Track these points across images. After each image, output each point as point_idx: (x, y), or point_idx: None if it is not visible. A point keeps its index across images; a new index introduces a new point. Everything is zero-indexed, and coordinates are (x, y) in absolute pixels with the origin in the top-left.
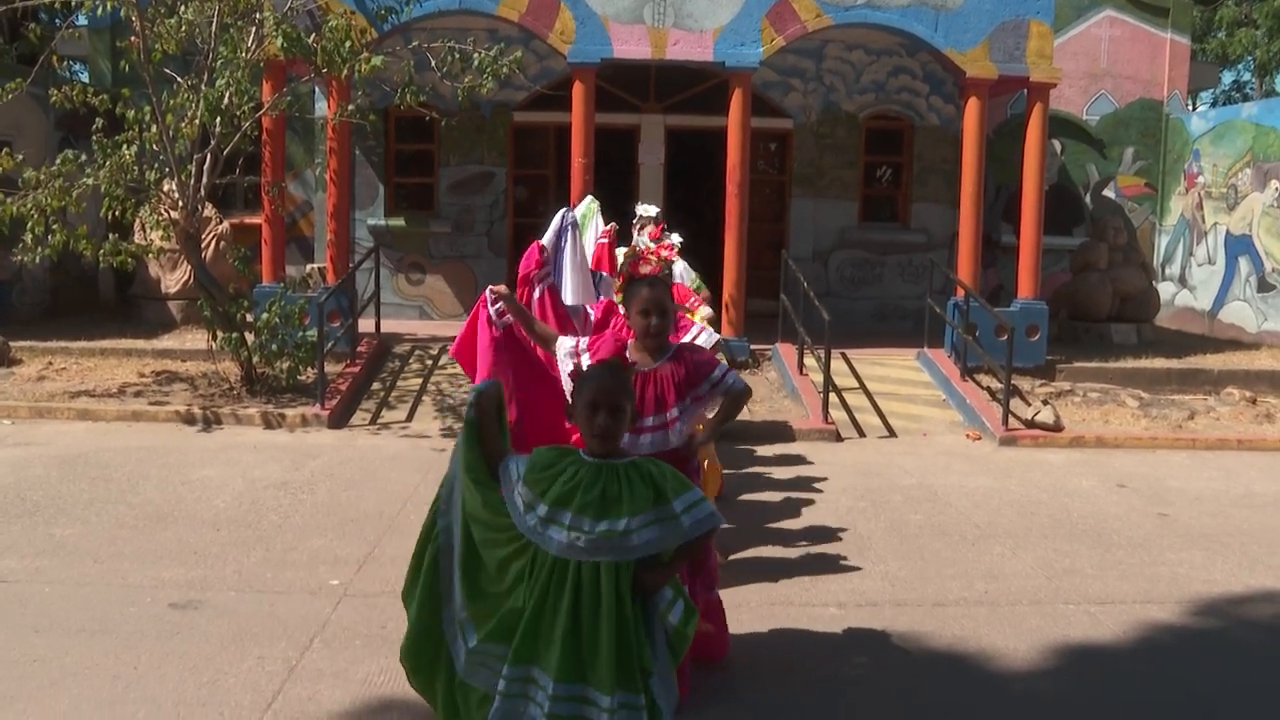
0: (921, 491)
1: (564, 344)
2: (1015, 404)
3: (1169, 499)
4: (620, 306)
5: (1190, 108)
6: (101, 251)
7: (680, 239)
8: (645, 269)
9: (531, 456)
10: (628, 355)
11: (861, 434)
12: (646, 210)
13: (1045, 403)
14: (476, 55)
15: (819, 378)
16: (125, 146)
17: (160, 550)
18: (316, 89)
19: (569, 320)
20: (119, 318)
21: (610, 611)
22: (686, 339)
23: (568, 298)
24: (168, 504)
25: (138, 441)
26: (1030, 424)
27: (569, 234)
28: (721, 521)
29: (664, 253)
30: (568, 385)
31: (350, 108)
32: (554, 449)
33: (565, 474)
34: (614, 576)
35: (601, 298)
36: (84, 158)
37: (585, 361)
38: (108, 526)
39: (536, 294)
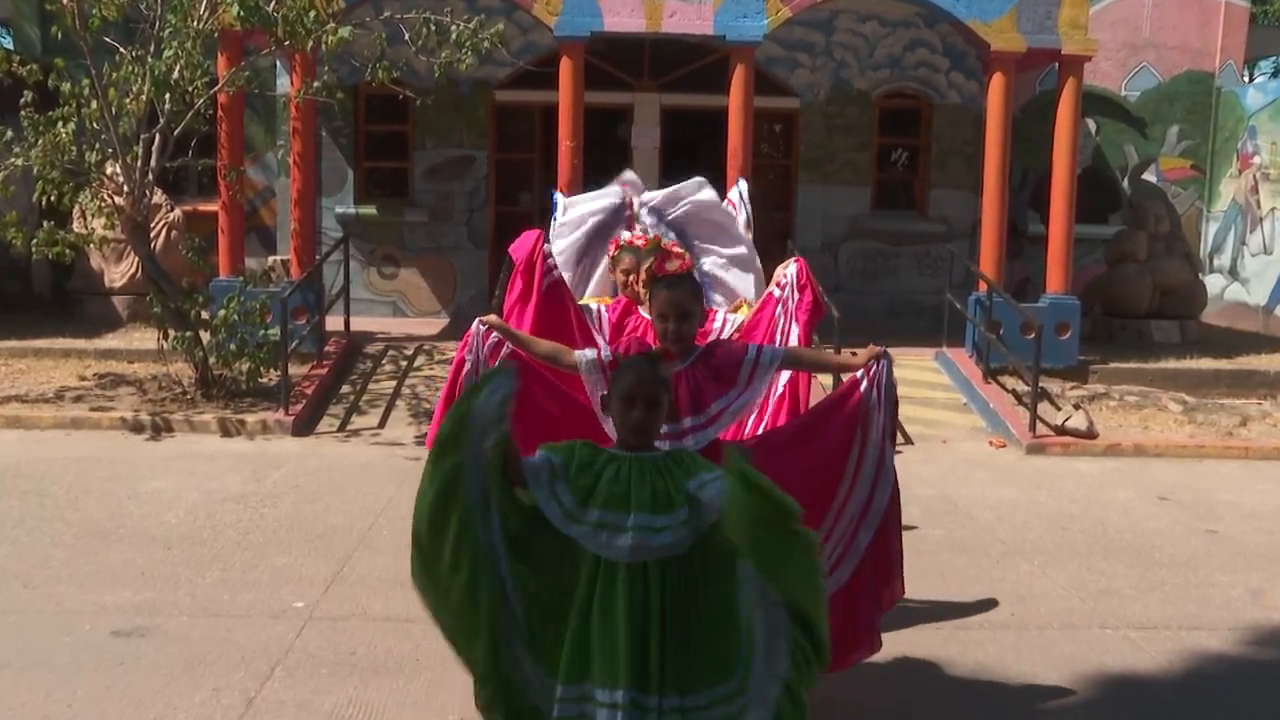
0: (941, 504)
1: (584, 358)
2: (1044, 408)
3: (1218, 513)
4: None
5: (1246, 79)
6: (34, 241)
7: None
8: (671, 266)
9: (564, 454)
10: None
11: None
12: (629, 176)
13: (1077, 407)
14: (454, 28)
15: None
16: (61, 124)
17: (102, 572)
18: (278, 63)
19: (583, 322)
20: (56, 314)
21: (658, 607)
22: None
23: (590, 288)
24: (112, 520)
25: (77, 451)
26: (1060, 430)
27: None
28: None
29: (675, 261)
30: (599, 409)
31: (315, 84)
32: (584, 446)
33: (608, 473)
34: (662, 571)
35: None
36: (10, 135)
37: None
38: (41, 546)
39: (538, 291)
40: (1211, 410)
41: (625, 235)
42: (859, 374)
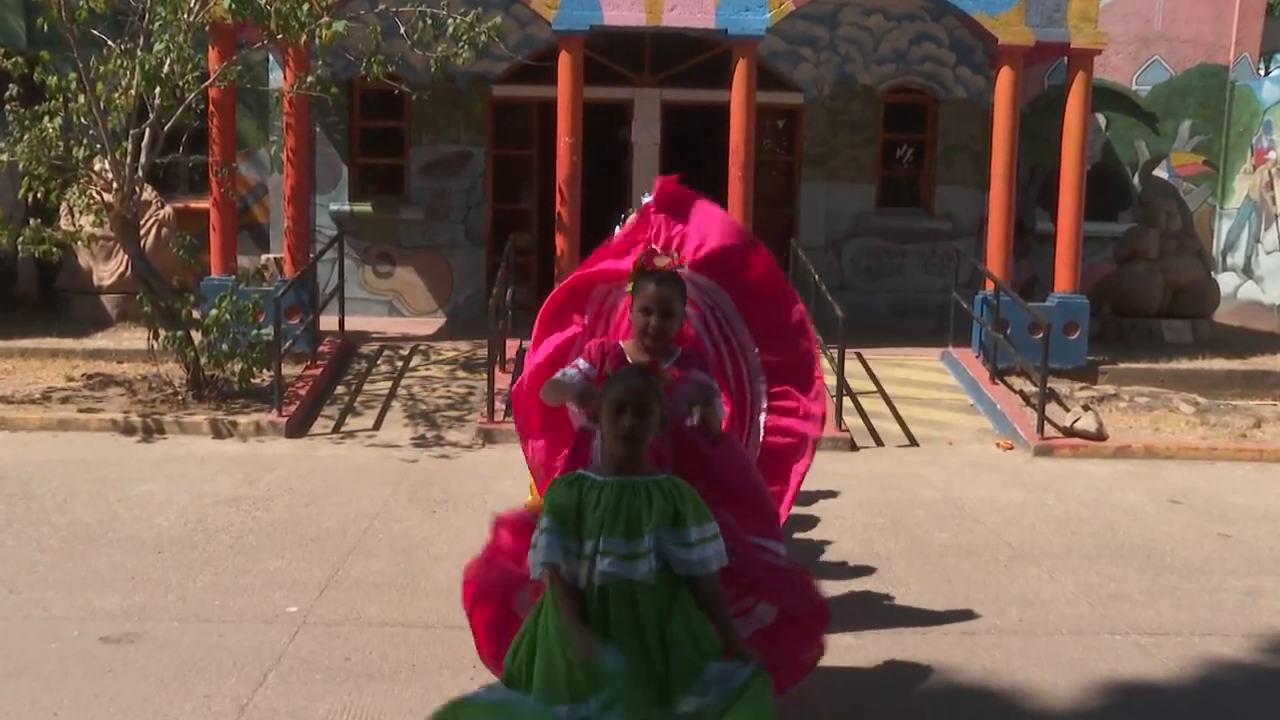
0: (947, 506)
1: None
2: (1052, 409)
3: (1231, 517)
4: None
5: (1262, 72)
6: (21, 239)
7: None
8: (660, 262)
9: (546, 509)
10: (626, 357)
11: (879, 443)
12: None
13: (1086, 408)
14: (451, 21)
15: (832, 380)
16: (48, 118)
17: (91, 576)
18: (271, 57)
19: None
20: (43, 313)
21: (651, 627)
22: None
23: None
24: (100, 524)
25: (65, 454)
26: (1069, 432)
27: None
28: (724, 563)
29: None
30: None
31: (309, 79)
32: (561, 485)
33: (589, 503)
34: (650, 595)
35: None
36: None
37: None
38: (28, 551)
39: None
40: (1224, 412)
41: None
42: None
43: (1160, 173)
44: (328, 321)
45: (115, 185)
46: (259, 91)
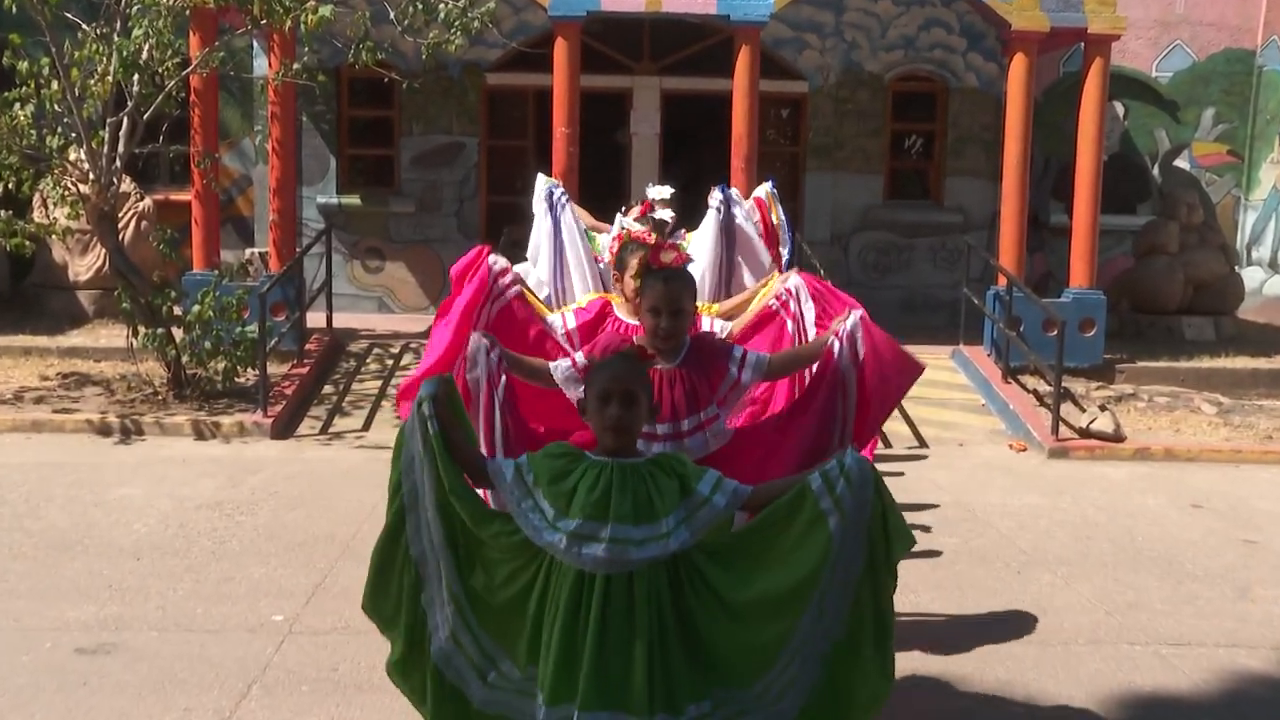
0: (958, 511)
1: (560, 369)
2: (1067, 410)
3: (1257, 522)
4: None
5: None
6: None
7: (672, 214)
8: (666, 258)
9: (535, 462)
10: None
11: (887, 444)
12: (660, 193)
13: (1103, 408)
14: (442, 6)
15: None
16: (19, 105)
17: (66, 585)
18: (255, 43)
19: (545, 335)
20: (15, 310)
21: (645, 621)
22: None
23: (576, 289)
24: (76, 530)
25: (39, 456)
26: (1085, 433)
27: (562, 210)
28: (750, 490)
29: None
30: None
31: (295, 66)
32: (557, 451)
33: (586, 482)
34: (647, 581)
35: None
36: None
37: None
38: None
39: (497, 306)
40: (1249, 412)
41: (634, 226)
42: (830, 339)
43: (1181, 163)
44: (315, 318)
45: (92, 176)
46: (243, 79)
